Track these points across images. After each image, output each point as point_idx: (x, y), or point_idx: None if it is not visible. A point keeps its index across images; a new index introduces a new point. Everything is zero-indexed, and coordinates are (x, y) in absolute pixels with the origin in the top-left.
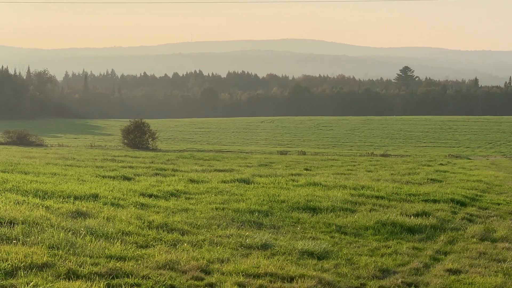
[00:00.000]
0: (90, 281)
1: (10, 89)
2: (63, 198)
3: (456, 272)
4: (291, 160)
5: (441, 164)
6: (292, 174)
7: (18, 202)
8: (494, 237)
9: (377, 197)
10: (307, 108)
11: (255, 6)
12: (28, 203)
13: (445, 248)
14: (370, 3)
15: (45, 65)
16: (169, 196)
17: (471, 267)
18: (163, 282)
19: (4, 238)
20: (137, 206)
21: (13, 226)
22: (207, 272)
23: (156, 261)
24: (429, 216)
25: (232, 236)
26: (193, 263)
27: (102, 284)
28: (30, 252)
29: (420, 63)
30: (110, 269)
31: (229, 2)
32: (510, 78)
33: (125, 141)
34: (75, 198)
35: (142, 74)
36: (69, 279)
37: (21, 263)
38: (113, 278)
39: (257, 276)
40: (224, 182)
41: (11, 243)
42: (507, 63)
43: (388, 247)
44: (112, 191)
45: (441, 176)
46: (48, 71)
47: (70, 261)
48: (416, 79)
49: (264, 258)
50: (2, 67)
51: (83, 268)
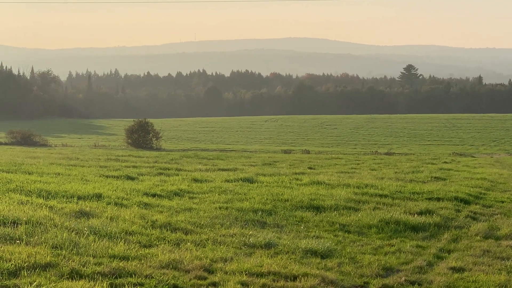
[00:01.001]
0: (93, 281)
1: (14, 89)
2: (67, 198)
3: (460, 270)
4: (295, 159)
5: (445, 162)
6: (295, 173)
7: (21, 202)
8: (498, 235)
9: (380, 196)
10: (311, 107)
11: (258, 5)
12: (32, 203)
13: (448, 246)
14: (373, 1)
15: (49, 65)
16: (173, 196)
17: (475, 265)
18: (166, 281)
19: (7, 238)
20: (141, 205)
21: (17, 226)
22: (211, 271)
23: (159, 261)
24: (432, 214)
25: (235, 235)
26: (197, 262)
27: (105, 284)
28: (33, 252)
29: (424, 61)
30: (113, 268)
31: (232, 1)
32: None
33: (129, 140)
34: (79, 198)
35: (146, 73)
36: (72, 279)
37: (25, 263)
38: (116, 277)
39: (260, 275)
40: (228, 181)
41: (14, 243)
42: (511, 60)
43: (392, 246)
44: (115, 190)
45: (445, 174)
46: (51, 71)
47: (74, 261)
48: (420, 77)
49: (268, 257)
50: (6, 67)
51: (86, 268)
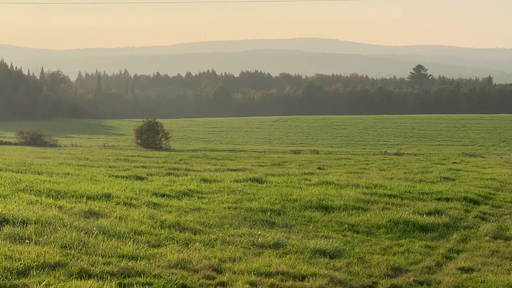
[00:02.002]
0: (102, 280)
1: (24, 90)
2: (76, 198)
3: (469, 270)
4: (304, 159)
5: (455, 163)
6: (305, 173)
7: (31, 202)
8: (507, 236)
9: (389, 196)
10: (320, 107)
11: (267, 5)
12: (41, 203)
13: (457, 246)
14: (383, 2)
15: (58, 66)
16: (182, 196)
17: (484, 266)
18: (175, 281)
19: (17, 238)
20: (150, 205)
21: (26, 226)
22: (219, 271)
23: (168, 260)
24: (441, 215)
25: (244, 235)
26: (205, 262)
27: (114, 283)
28: (42, 252)
29: (433, 61)
30: (122, 268)
31: (241, 1)
32: None
33: (138, 141)
34: (88, 198)
35: (155, 74)
36: (81, 278)
37: (34, 262)
38: (125, 277)
39: (269, 275)
40: (237, 182)
41: (23, 242)
42: None
43: (401, 246)
44: (124, 190)
45: (455, 175)
46: (61, 72)
47: (83, 261)
48: (430, 77)
49: (276, 257)
50: (16, 67)
51: (95, 268)
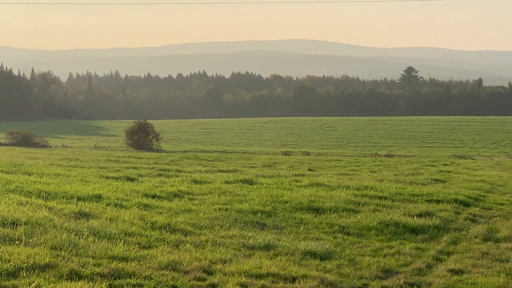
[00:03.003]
0: (93, 282)
1: (14, 90)
2: (67, 199)
3: (459, 272)
4: (295, 160)
5: (445, 165)
6: (295, 175)
7: (21, 203)
8: (497, 237)
9: (380, 198)
10: (311, 109)
11: (258, 7)
12: (31, 204)
13: (448, 248)
14: (374, 4)
15: (49, 66)
16: (172, 197)
17: (474, 267)
18: (166, 282)
19: (7, 239)
20: (140, 207)
21: (16, 227)
22: (210, 273)
23: (158, 262)
24: (432, 217)
25: (235, 236)
26: (196, 263)
27: (104, 285)
28: (32, 253)
29: (424, 63)
30: (112, 269)
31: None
32: None
33: (129, 142)
34: (78, 199)
35: (146, 75)
36: (72, 280)
37: (24, 263)
38: (115, 278)
39: (260, 276)
40: (228, 183)
41: (13, 244)
42: (511, 63)
43: (391, 248)
44: (115, 192)
45: (445, 177)
46: (52, 72)
47: (73, 262)
48: (420, 79)
49: (267, 258)
50: (6, 68)
51: (85, 269)
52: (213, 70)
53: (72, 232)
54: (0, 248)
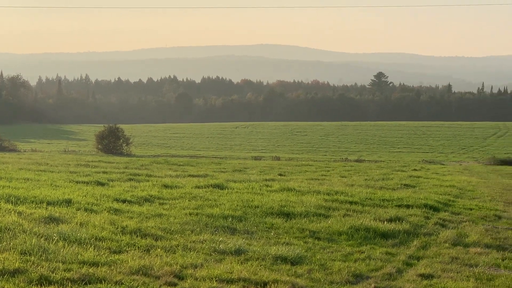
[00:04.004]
0: (63, 287)
1: None
2: (36, 203)
3: (429, 277)
4: (265, 165)
5: (415, 170)
6: (266, 180)
7: None
8: (467, 242)
9: (350, 203)
10: (282, 114)
11: (229, 12)
12: (0, 208)
13: (417, 253)
14: (344, 10)
15: (18, 70)
16: (143, 202)
17: (444, 272)
18: (136, 287)
19: None
20: (111, 211)
21: None
22: (181, 278)
23: (129, 267)
24: (402, 221)
25: (205, 241)
26: (167, 268)
27: None
28: (1, 258)
29: (394, 68)
30: (82, 274)
31: (203, 7)
32: (483, 84)
33: (99, 146)
34: (48, 203)
35: (117, 79)
36: (41, 285)
37: None
38: (85, 283)
39: (231, 281)
40: (198, 188)
41: None
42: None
43: (362, 252)
44: (85, 196)
45: (415, 182)
46: (21, 76)
47: (43, 267)
48: (390, 84)
49: (238, 263)
50: None
51: (55, 274)
52: (183, 74)
53: (42, 237)
54: None
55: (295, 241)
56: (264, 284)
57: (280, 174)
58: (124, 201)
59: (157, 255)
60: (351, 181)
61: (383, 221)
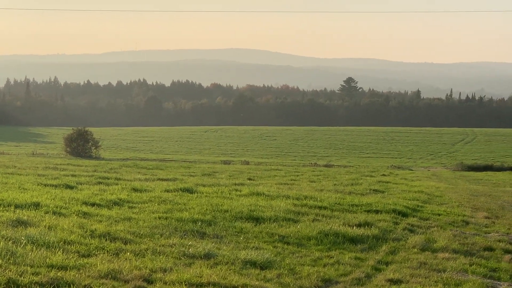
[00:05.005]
0: None
1: None
2: (4, 206)
3: (397, 282)
4: (235, 169)
5: (384, 175)
6: (235, 184)
7: None
8: (435, 248)
9: (320, 207)
10: (251, 118)
11: (199, 15)
12: None
13: (386, 258)
14: (315, 14)
15: None
16: (112, 205)
17: (412, 277)
18: None
19: None
20: (80, 215)
21: None
22: (150, 282)
23: (98, 270)
24: (371, 227)
25: (175, 245)
26: (136, 272)
27: None
28: None
29: (363, 74)
30: (51, 278)
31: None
32: (451, 90)
33: (67, 149)
34: (16, 206)
35: (86, 82)
36: None
37: None
38: (54, 287)
39: (200, 285)
40: (167, 191)
41: None
42: (448, 75)
43: (331, 257)
44: (54, 199)
45: (384, 187)
46: None
47: (10, 271)
48: (360, 90)
49: (207, 267)
50: None
51: (23, 278)
52: (153, 78)
53: (9, 240)
54: None
55: (264, 245)
56: None
57: (250, 179)
58: (93, 204)
59: (126, 258)
60: (320, 186)
61: (352, 226)
